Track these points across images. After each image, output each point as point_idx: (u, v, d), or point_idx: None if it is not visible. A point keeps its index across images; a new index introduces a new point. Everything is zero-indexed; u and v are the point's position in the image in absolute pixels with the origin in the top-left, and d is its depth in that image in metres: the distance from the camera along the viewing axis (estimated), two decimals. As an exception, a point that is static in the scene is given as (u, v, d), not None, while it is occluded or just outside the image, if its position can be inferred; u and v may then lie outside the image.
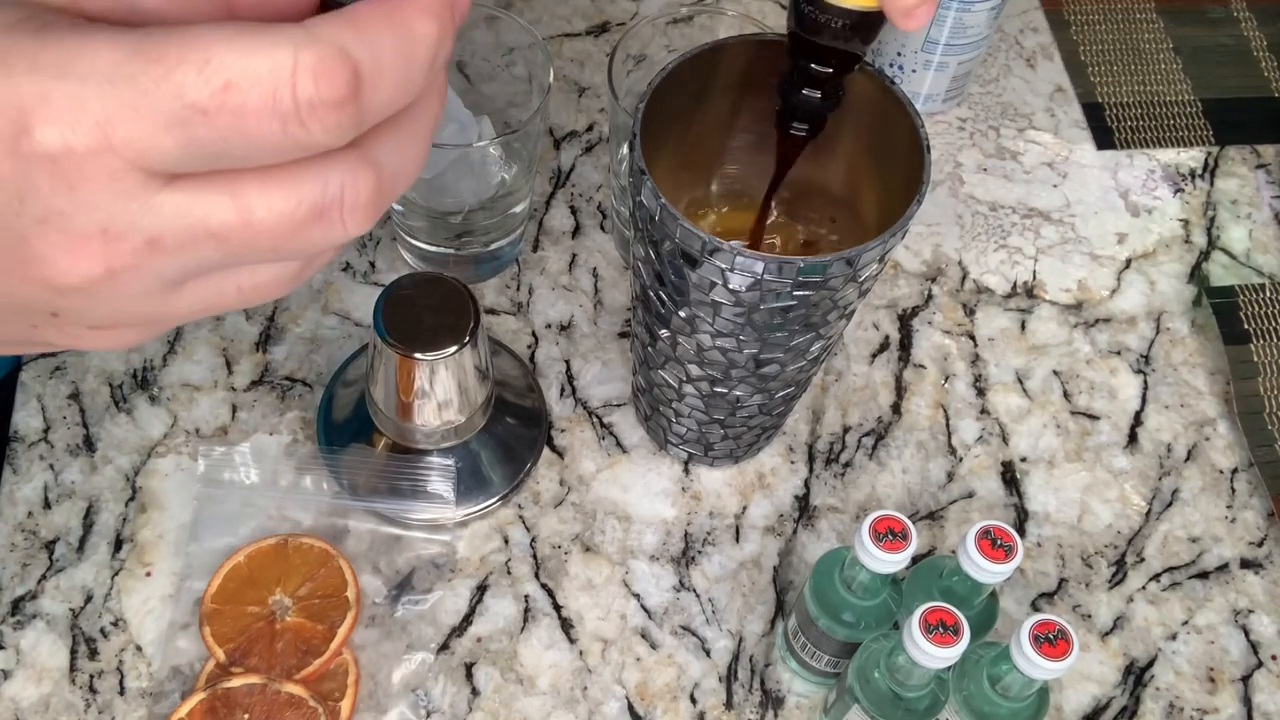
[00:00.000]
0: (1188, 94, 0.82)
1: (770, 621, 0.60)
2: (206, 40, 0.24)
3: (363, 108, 0.25)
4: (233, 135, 0.24)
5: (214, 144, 0.24)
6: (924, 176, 0.48)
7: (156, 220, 0.25)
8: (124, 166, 0.24)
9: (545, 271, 0.70)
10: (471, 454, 0.61)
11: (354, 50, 0.25)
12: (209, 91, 0.23)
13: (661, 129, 0.50)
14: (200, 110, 0.24)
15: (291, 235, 0.26)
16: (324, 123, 0.24)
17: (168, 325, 0.29)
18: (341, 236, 0.27)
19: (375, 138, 0.27)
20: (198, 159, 0.24)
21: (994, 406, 0.68)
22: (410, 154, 0.28)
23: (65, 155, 0.24)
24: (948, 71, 0.76)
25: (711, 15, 0.65)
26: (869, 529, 0.49)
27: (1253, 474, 0.66)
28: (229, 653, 0.55)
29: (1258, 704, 0.60)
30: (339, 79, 0.24)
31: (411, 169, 0.28)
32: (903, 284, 0.72)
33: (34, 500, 0.61)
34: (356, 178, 0.26)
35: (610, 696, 0.58)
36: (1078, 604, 0.62)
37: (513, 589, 0.60)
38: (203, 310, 0.28)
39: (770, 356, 0.52)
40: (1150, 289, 0.73)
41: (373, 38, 0.25)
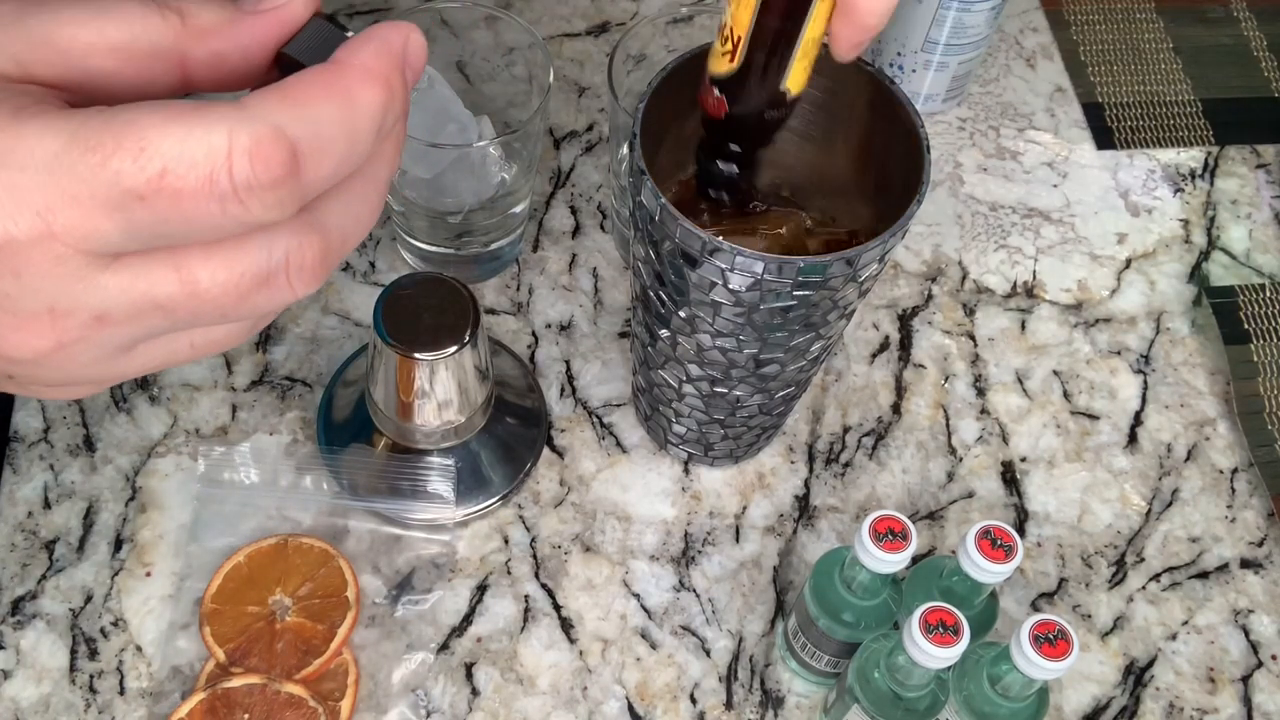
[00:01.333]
0: (1188, 94, 0.82)
1: (770, 621, 0.60)
2: (142, 125, 0.24)
3: (303, 184, 0.25)
4: (172, 217, 0.24)
5: (153, 226, 0.24)
6: (924, 176, 0.48)
7: (103, 298, 0.25)
8: (66, 251, 0.24)
9: (545, 271, 0.71)
10: (471, 454, 0.61)
11: (291, 128, 0.25)
12: (145, 178, 0.24)
13: (661, 129, 0.50)
14: (138, 196, 0.24)
15: (238, 302, 0.26)
16: (263, 202, 0.25)
17: (123, 379, 0.29)
18: (289, 298, 0.27)
19: (321, 202, 0.27)
20: (139, 240, 0.25)
21: (994, 406, 0.68)
22: (360, 213, 0.28)
23: (7, 244, 0.24)
24: (948, 71, 0.76)
25: (711, 15, 0.65)
26: (869, 529, 0.49)
27: (1253, 474, 0.66)
28: (229, 653, 0.55)
29: (1258, 704, 0.60)
30: (275, 159, 0.24)
31: (362, 227, 0.28)
32: (903, 284, 0.72)
33: (34, 500, 0.61)
34: (302, 244, 0.26)
35: (610, 696, 0.58)
36: (1078, 604, 0.62)
37: (513, 589, 0.60)
38: (156, 366, 0.29)
39: (770, 356, 0.52)
40: (1150, 289, 0.73)
41: (312, 112, 0.25)
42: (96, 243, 0.24)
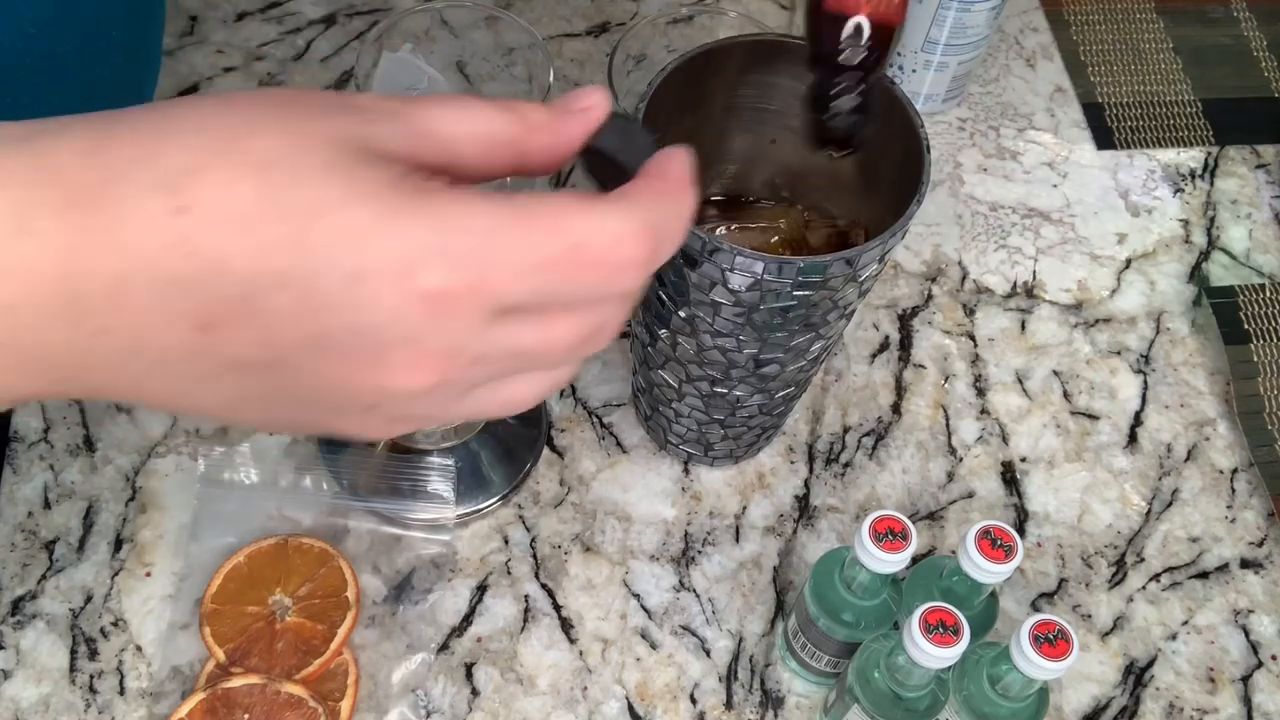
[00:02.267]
0: (1188, 94, 0.82)
1: (770, 621, 0.60)
2: (563, 209, 0.29)
3: (654, 265, 0.31)
4: (568, 283, 0.30)
5: (551, 288, 0.29)
6: (924, 176, 0.48)
7: (486, 344, 0.30)
8: (482, 304, 0.29)
9: (545, 271, 0.70)
10: (471, 454, 0.61)
11: (654, 220, 0.31)
12: (562, 249, 0.29)
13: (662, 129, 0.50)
14: (553, 264, 0.29)
15: (566, 353, 0.32)
16: (630, 277, 0.30)
17: (456, 418, 0.33)
18: (594, 350, 0.33)
19: None
20: (533, 299, 0.30)
21: (994, 406, 0.68)
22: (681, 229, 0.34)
23: (442, 295, 0.28)
24: (948, 71, 0.76)
25: (711, 15, 0.65)
26: (869, 529, 0.49)
27: (1253, 474, 0.66)
28: (229, 653, 0.55)
29: (1258, 704, 0.60)
30: (647, 244, 0.30)
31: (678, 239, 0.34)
32: (903, 284, 0.72)
33: (34, 500, 0.61)
34: (619, 312, 0.32)
35: (610, 696, 0.58)
36: (1078, 604, 0.62)
37: (513, 589, 0.60)
38: (465, 416, 0.33)
39: (770, 356, 0.52)
40: (1150, 289, 0.73)
41: (663, 208, 0.31)
42: (507, 299, 0.29)
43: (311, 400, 0.31)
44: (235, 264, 0.27)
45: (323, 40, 0.79)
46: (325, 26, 0.79)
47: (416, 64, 0.63)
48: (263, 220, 0.27)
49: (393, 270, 0.28)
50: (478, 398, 0.32)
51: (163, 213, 0.27)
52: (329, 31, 0.79)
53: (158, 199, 0.27)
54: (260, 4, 0.80)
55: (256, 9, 0.80)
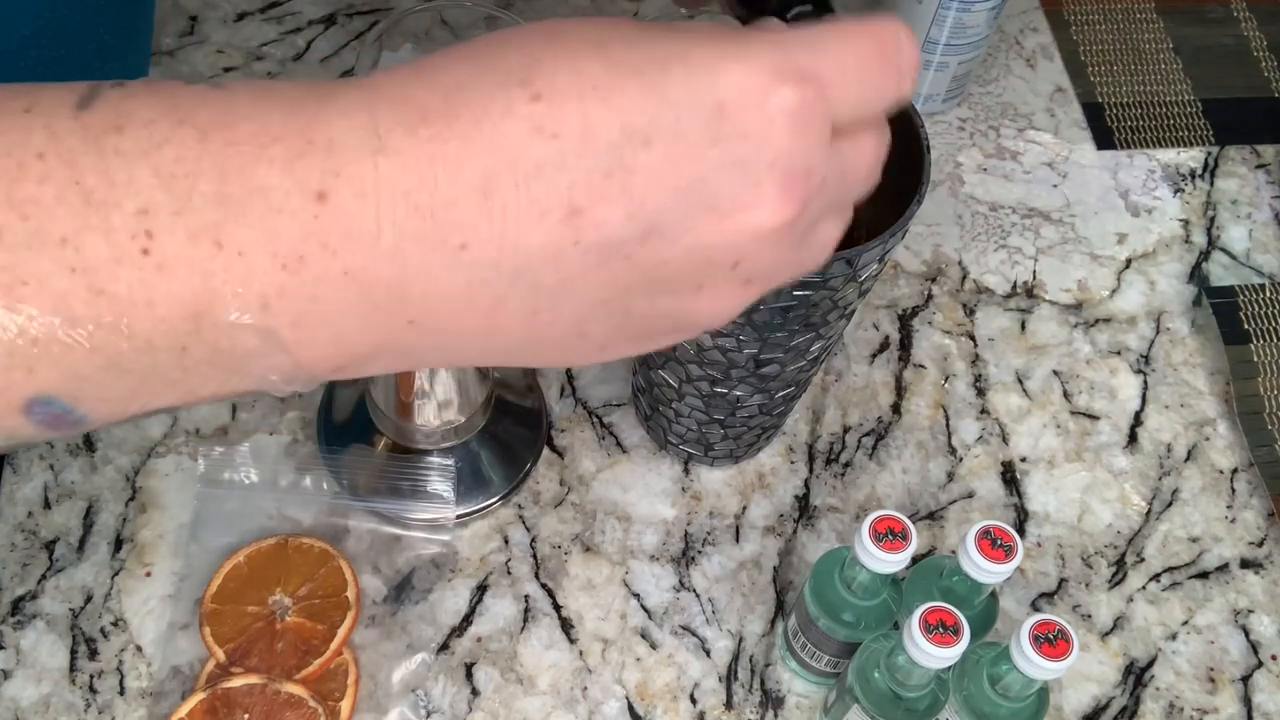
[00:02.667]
0: (1188, 94, 0.82)
1: (770, 621, 0.60)
2: (847, 21, 0.30)
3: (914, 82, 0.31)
4: (878, 87, 0.29)
5: (866, 95, 0.29)
6: (924, 176, 0.48)
7: (830, 164, 0.29)
8: (824, 115, 0.28)
9: (545, 271, 0.70)
10: (471, 454, 0.61)
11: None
12: (872, 47, 0.29)
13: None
14: (869, 62, 0.29)
15: (870, 175, 0.32)
16: (909, 83, 0.30)
17: (788, 277, 0.32)
18: (875, 181, 0.32)
19: None
20: (852, 109, 0.29)
21: (994, 406, 0.68)
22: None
23: (797, 109, 0.28)
24: (948, 71, 0.76)
25: (711, 15, 0.65)
26: (869, 529, 0.49)
27: (1253, 474, 0.66)
28: (229, 653, 0.55)
29: (1258, 704, 0.60)
30: (917, 53, 0.30)
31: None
32: (903, 284, 0.72)
33: (34, 500, 0.61)
34: (886, 135, 0.32)
35: (610, 696, 0.58)
36: (1078, 604, 0.62)
37: (513, 589, 0.60)
38: (798, 270, 0.32)
39: (770, 356, 0.52)
40: (1150, 289, 0.73)
41: (902, 37, 0.31)
42: (841, 109, 0.29)
43: (675, 277, 0.30)
44: (599, 134, 0.27)
45: (323, 40, 0.79)
46: (325, 26, 0.79)
47: (416, 64, 0.63)
48: (616, 86, 0.27)
49: (752, 95, 0.28)
50: (810, 243, 0.32)
51: (521, 101, 0.27)
52: (329, 31, 0.79)
53: (511, 92, 0.27)
54: (260, 4, 0.80)
55: (256, 9, 0.80)
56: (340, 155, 0.26)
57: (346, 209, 0.26)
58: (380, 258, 0.27)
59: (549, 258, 0.28)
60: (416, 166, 0.26)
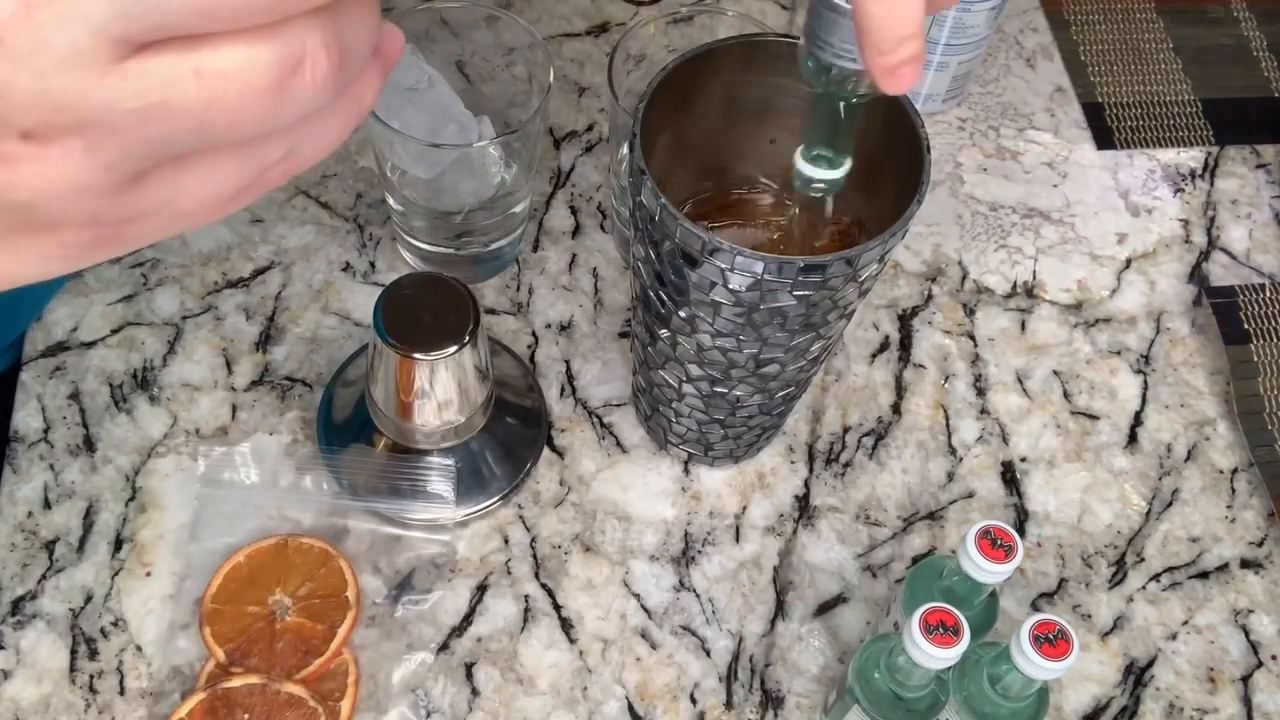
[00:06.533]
0: (1188, 94, 0.82)
1: (770, 621, 0.60)
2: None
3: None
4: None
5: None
6: (924, 176, 0.48)
7: (105, 97, 0.23)
8: (63, 28, 0.22)
9: (545, 271, 0.71)
10: (471, 454, 0.61)
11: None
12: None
13: (661, 129, 0.50)
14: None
15: (260, 101, 0.24)
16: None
17: (131, 222, 0.26)
18: (306, 104, 0.25)
19: (338, 7, 0.25)
20: (146, 19, 0.23)
21: (994, 406, 0.68)
22: (366, 36, 0.27)
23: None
24: (948, 71, 0.76)
25: (711, 15, 0.65)
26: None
27: (1253, 474, 0.66)
28: (229, 653, 0.55)
29: (1258, 704, 0.60)
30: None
31: (365, 50, 0.27)
32: (903, 284, 0.72)
33: (34, 500, 0.61)
34: (326, 40, 0.25)
35: (610, 696, 0.58)
36: (1078, 604, 0.62)
37: (513, 589, 0.60)
38: (166, 206, 0.26)
39: (770, 356, 0.52)
40: (1150, 289, 0.73)
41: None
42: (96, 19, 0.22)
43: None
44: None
45: (323, 40, 0.79)
46: (325, 26, 0.79)
47: (416, 64, 0.63)
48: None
49: None
50: (154, 186, 0.26)
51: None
52: (329, 31, 0.79)
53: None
54: (260, 4, 0.80)
55: (256, 9, 0.80)
56: None
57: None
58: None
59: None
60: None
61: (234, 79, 0.24)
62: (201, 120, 0.24)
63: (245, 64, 0.24)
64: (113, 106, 0.23)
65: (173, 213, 0.27)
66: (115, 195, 0.25)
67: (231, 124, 0.25)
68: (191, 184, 0.26)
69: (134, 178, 0.25)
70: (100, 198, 0.25)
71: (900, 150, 0.50)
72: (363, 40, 0.26)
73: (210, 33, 0.23)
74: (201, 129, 0.25)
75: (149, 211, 0.26)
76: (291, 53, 0.24)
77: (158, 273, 0.68)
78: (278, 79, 0.24)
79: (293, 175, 0.28)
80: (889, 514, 0.64)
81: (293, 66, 0.24)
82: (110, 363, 0.65)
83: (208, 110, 0.24)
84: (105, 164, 0.24)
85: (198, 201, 0.27)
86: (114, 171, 0.25)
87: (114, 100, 0.23)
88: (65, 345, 0.65)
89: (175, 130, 0.24)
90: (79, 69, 0.22)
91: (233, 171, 0.27)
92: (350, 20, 0.26)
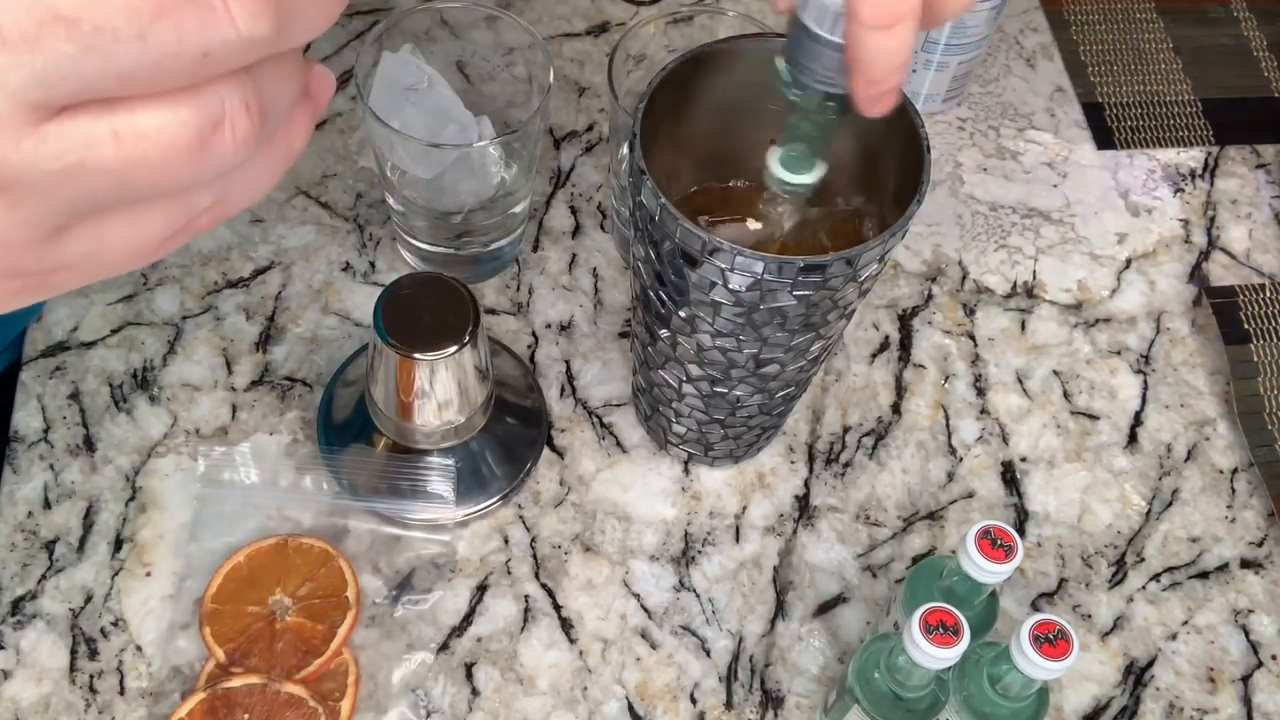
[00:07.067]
0: (1188, 94, 0.82)
1: (770, 621, 0.60)
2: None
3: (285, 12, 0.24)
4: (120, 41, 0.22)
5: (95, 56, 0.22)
6: (924, 176, 0.48)
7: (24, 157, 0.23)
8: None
9: (545, 271, 0.71)
10: (471, 454, 0.61)
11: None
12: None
13: (661, 129, 0.50)
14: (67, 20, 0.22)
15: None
16: (249, 11, 0.23)
17: (54, 273, 0.27)
18: (223, 161, 0.25)
19: (260, 67, 0.26)
20: (72, 82, 0.23)
21: (994, 406, 0.68)
22: (288, 89, 0.27)
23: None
24: (948, 71, 0.76)
25: (711, 15, 0.65)
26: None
27: (1253, 474, 0.66)
28: (229, 653, 0.55)
29: (1258, 704, 0.60)
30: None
31: (286, 105, 0.27)
32: (903, 284, 0.72)
33: (34, 500, 0.61)
34: (246, 98, 0.25)
35: (610, 696, 0.58)
36: (1078, 604, 0.62)
37: (513, 589, 0.60)
38: (91, 257, 0.27)
39: (770, 356, 0.52)
40: (1150, 289, 0.73)
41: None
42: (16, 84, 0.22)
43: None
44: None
45: (323, 40, 0.79)
46: (325, 26, 0.79)
47: (416, 64, 0.63)
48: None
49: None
50: (78, 238, 0.26)
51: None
52: (329, 31, 0.79)
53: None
54: (260, 4, 0.80)
55: (256, 9, 0.80)
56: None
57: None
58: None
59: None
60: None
61: (154, 139, 0.24)
62: (121, 179, 0.25)
63: (165, 125, 0.24)
64: (32, 167, 0.23)
65: (99, 261, 0.27)
66: (39, 248, 0.26)
67: (153, 182, 0.25)
68: (116, 234, 0.27)
69: (57, 231, 0.26)
70: (24, 250, 0.25)
71: (900, 150, 0.50)
72: (285, 93, 0.27)
73: (128, 95, 0.24)
74: (122, 186, 0.25)
75: (74, 261, 0.27)
76: (211, 113, 0.25)
77: (158, 273, 0.68)
78: (198, 139, 0.24)
79: (225, 220, 0.28)
80: (889, 514, 0.64)
81: (213, 126, 0.25)
82: (110, 363, 0.65)
83: (127, 170, 0.24)
84: (26, 220, 0.25)
85: (124, 250, 0.27)
86: (36, 227, 0.25)
87: (33, 161, 0.23)
88: (65, 345, 0.65)
89: (95, 188, 0.25)
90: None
91: (159, 222, 0.27)
92: (271, 74, 0.26)
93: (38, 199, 0.24)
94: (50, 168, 0.24)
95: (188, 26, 0.23)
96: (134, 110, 0.24)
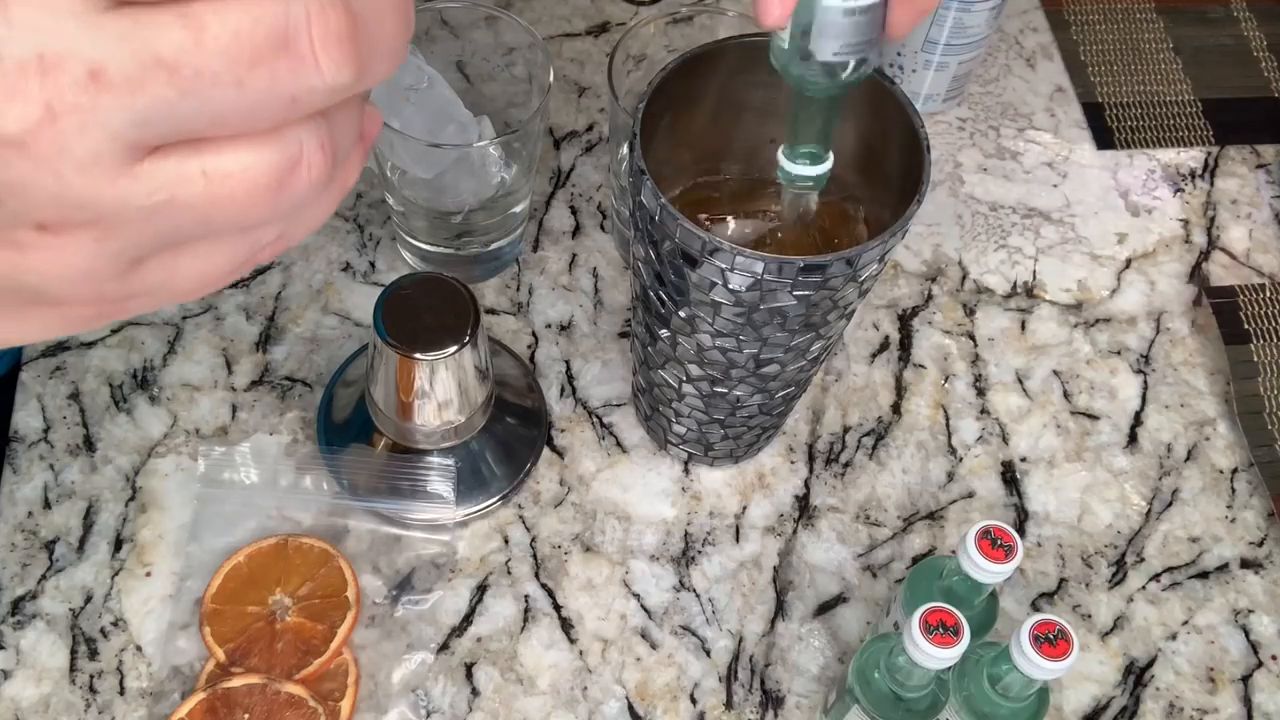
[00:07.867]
0: (1188, 94, 0.82)
1: (770, 621, 0.60)
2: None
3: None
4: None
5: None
6: (924, 176, 0.48)
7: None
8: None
9: (545, 271, 0.71)
10: (471, 454, 0.61)
11: None
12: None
13: (661, 129, 0.50)
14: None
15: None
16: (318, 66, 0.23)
17: (128, 299, 0.28)
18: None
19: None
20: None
21: (994, 406, 0.68)
22: (355, 128, 0.28)
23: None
24: (948, 71, 0.76)
25: (711, 15, 0.65)
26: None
27: (1253, 474, 0.66)
28: (229, 653, 0.55)
29: (1258, 704, 0.60)
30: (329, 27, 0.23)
31: (355, 137, 0.28)
32: (903, 284, 0.72)
33: (34, 500, 0.61)
34: (320, 133, 0.26)
35: (610, 696, 0.58)
36: (1078, 604, 0.62)
37: (513, 589, 0.60)
38: (169, 281, 0.27)
39: (770, 356, 0.52)
40: (1150, 289, 0.73)
41: None
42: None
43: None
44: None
45: (323, 40, 0.79)
46: (325, 26, 0.79)
47: (416, 64, 0.63)
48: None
49: None
50: (156, 267, 0.27)
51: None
52: (329, 31, 0.79)
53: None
54: (260, 4, 0.80)
55: (256, 9, 0.80)
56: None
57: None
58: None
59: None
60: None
61: (239, 179, 0.25)
62: (206, 216, 0.26)
63: (250, 165, 0.25)
64: (125, 204, 0.24)
65: (170, 289, 0.28)
66: (119, 279, 0.27)
67: (235, 218, 0.26)
68: (189, 265, 0.28)
69: (138, 262, 0.27)
70: (106, 281, 0.27)
71: (900, 150, 0.50)
72: (350, 134, 0.28)
73: (217, 136, 0.25)
74: (205, 223, 0.26)
75: (149, 290, 0.28)
76: (291, 154, 0.26)
77: (158, 273, 0.68)
78: (278, 178, 0.26)
79: (281, 254, 0.30)
80: (889, 514, 0.64)
81: (291, 166, 0.26)
82: (110, 363, 0.65)
83: (212, 207, 0.26)
84: (112, 253, 0.26)
85: (195, 280, 0.29)
86: (120, 260, 0.26)
87: (126, 199, 0.24)
88: (65, 345, 0.65)
89: (180, 224, 0.26)
90: (96, 171, 0.24)
91: (229, 254, 0.28)
92: (340, 118, 0.27)
93: (126, 234, 0.26)
94: (141, 204, 0.25)
95: (280, 74, 0.24)
96: (221, 151, 0.25)
